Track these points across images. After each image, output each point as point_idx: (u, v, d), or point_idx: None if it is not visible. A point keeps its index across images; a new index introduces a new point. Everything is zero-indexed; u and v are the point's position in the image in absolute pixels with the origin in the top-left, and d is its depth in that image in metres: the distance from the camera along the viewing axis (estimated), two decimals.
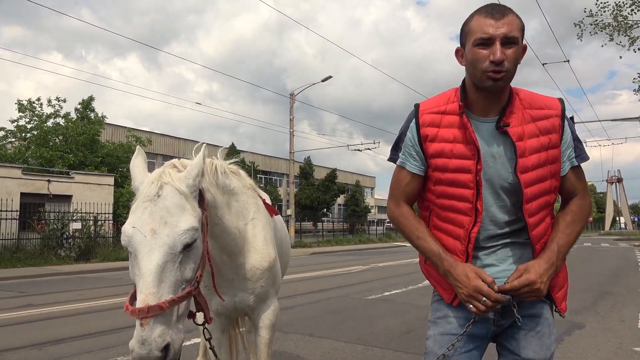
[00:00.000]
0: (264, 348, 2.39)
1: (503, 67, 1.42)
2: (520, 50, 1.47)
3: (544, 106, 1.54)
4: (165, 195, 1.56)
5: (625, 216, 73.91)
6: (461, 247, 1.56)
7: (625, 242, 34.51)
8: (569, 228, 1.56)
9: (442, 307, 1.65)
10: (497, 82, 1.44)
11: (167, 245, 1.48)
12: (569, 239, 1.55)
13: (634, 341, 4.97)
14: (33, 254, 15.99)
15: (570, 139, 1.56)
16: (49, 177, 19.24)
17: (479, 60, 1.45)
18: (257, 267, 2.26)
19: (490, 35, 1.42)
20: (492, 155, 1.52)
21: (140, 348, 1.39)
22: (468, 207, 1.53)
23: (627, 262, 15.75)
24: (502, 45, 1.42)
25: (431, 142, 1.57)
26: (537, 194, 1.52)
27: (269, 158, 49.06)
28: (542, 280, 1.44)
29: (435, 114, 1.59)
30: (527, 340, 1.57)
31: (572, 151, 1.56)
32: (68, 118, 23.74)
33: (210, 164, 2.01)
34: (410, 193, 1.68)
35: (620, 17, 21.07)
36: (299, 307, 7.19)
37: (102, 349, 4.77)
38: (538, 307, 1.59)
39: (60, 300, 8.22)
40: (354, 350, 4.66)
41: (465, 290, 1.47)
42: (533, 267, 1.46)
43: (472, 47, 1.47)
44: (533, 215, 1.52)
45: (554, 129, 1.52)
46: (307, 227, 36.64)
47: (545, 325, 1.58)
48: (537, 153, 1.50)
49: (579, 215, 1.59)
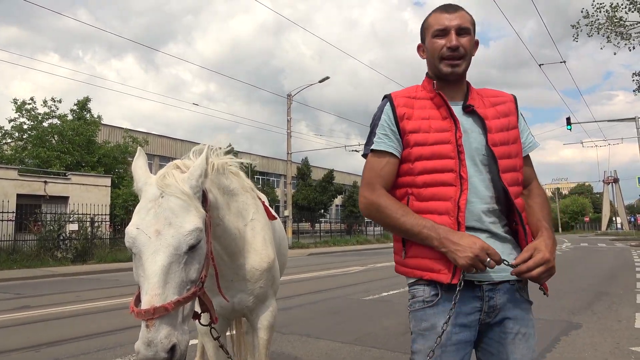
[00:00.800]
0: (262, 349, 2.38)
1: (459, 52, 1.58)
2: (472, 42, 1.63)
3: (498, 94, 1.72)
4: (169, 196, 1.56)
5: (621, 216, 74.15)
6: (450, 220, 1.51)
7: (622, 242, 34.61)
8: (545, 210, 1.64)
9: (428, 315, 1.54)
10: (455, 67, 1.59)
11: (172, 246, 1.48)
12: (548, 218, 1.61)
13: (630, 341, 4.99)
14: (29, 256, 15.93)
15: (525, 124, 1.71)
16: (45, 178, 19.18)
17: (437, 49, 1.61)
18: (257, 268, 2.25)
19: (445, 27, 1.60)
20: (465, 130, 1.60)
21: (146, 350, 1.38)
22: (453, 177, 1.54)
23: (623, 262, 15.81)
24: (457, 34, 1.59)
25: (408, 120, 1.62)
26: (509, 168, 1.60)
27: (267, 159, 49.04)
28: (554, 256, 1.49)
29: (407, 98, 1.67)
30: (515, 344, 1.54)
31: (529, 135, 1.70)
32: (64, 119, 23.67)
33: (211, 165, 2.01)
34: (386, 177, 1.63)
35: (615, 19, 21.17)
36: (296, 307, 7.18)
37: (99, 351, 4.76)
38: (523, 308, 1.59)
39: (57, 301, 8.18)
40: (352, 351, 4.66)
41: (470, 251, 1.41)
42: (544, 244, 1.48)
43: (431, 38, 1.64)
44: (510, 186, 1.58)
45: (510, 112, 1.67)
46: (305, 228, 36.63)
47: (530, 327, 1.59)
48: (501, 132, 1.62)
49: (543, 197, 1.68)
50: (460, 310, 1.52)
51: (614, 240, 39.37)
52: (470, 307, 1.53)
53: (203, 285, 1.62)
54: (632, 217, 73.73)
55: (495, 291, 1.55)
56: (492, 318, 1.56)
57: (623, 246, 28.16)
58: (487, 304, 1.54)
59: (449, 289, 1.51)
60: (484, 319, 1.56)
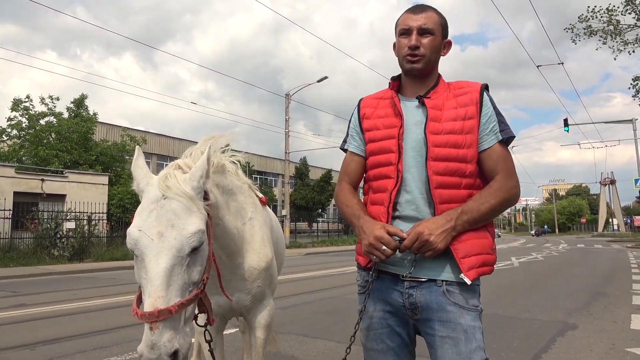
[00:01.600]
0: (259, 348, 2.38)
1: (419, 52, 1.66)
2: (437, 41, 1.69)
3: (466, 86, 1.71)
4: (171, 197, 1.55)
5: (618, 218, 74.38)
6: (383, 209, 1.65)
7: (618, 243, 34.74)
8: (482, 198, 1.58)
9: (361, 299, 1.73)
10: (414, 64, 1.67)
11: (174, 248, 1.47)
12: (479, 207, 1.55)
13: (626, 342, 5.00)
14: (26, 254, 15.90)
15: (493, 114, 1.65)
16: (42, 176, 19.13)
17: (401, 47, 1.71)
18: (255, 267, 2.25)
19: (409, 27, 1.68)
20: (415, 123, 1.67)
21: (149, 352, 1.38)
22: (391, 170, 1.65)
23: (619, 264, 15.85)
24: (419, 34, 1.66)
25: (367, 119, 1.79)
26: (448, 157, 1.59)
27: (265, 158, 49.00)
28: (432, 232, 1.49)
29: (374, 99, 1.83)
30: (444, 349, 1.54)
31: (496, 125, 1.64)
32: (60, 117, 23.61)
33: (212, 164, 2.00)
34: (351, 173, 1.84)
35: (614, 20, 21.21)
36: (293, 307, 7.18)
37: (95, 349, 4.75)
38: (448, 312, 1.55)
39: (53, 300, 8.16)
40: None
41: (367, 239, 1.55)
42: (426, 221, 1.54)
43: (397, 37, 1.74)
44: (439, 175, 1.58)
45: (471, 102, 1.65)
46: (302, 227, 36.64)
47: (458, 332, 1.53)
48: (452, 121, 1.62)
49: (496, 190, 1.59)
50: (386, 298, 1.66)
51: (611, 241, 39.50)
52: (393, 299, 1.64)
53: (205, 287, 1.62)
54: (629, 219, 73.93)
55: (417, 289, 1.59)
56: (417, 315, 1.60)
57: (619, 247, 28.25)
58: (407, 300, 1.61)
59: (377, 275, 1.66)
60: (410, 315, 1.62)
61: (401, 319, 1.65)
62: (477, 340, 1.54)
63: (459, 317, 1.54)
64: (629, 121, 31.76)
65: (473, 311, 1.57)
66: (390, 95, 1.76)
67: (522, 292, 8.51)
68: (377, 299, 1.68)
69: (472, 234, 1.58)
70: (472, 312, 1.57)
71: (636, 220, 66.18)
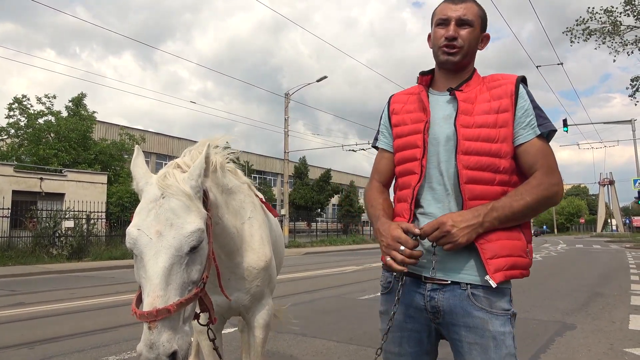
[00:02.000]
0: (258, 348, 2.39)
1: (456, 43, 1.59)
2: (475, 34, 1.62)
3: (501, 78, 1.63)
4: (170, 196, 1.55)
5: (616, 218, 74.48)
6: (407, 206, 1.61)
7: (617, 244, 34.77)
8: (517, 195, 1.47)
9: (382, 300, 1.70)
10: (450, 56, 1.60)
11: (173, 247, 1.47)
12: (512, 204, 1.45)
13: (624, 342, 5.01)
14: (24, 252, 15.88)
15: (530, 107, 1.55)
16: (41, 174, 19.11)
17: (437, 38, 1.64)
18: (254, 266, 2.25)
19: (447, 17, 1.61)
20: (444, 117, 1.61)
21: (148, 352, 1.38)
22: (416, 165, 1.61)
23: (618, 264, 15.87)
24: (457, 25, 1.59)
25: (396, 115, 1.76)
26: (480, 151, 1.51)
27: (264, 158, 48.99)
28: (457, 225, 1.41)
29: (404, 95, 1.80)
30: (471, 355, 1.47)
31: (533, 119, 1.54)
32: (59, 116, 23.58)
33: (211, 163, 2.00)
34: (382, 170, 1.80)
35: (612, 19, 21.23)
36: (292, 307, 7.18)
37: (93, 348, 4.75)
38: (475, 317, 1.47)
39: (52, 299, 8.15)
40: (347, 350, 4.66)
41: (385, 240, 1.50)
42: (451, 213, 1.47)
43: (434, 27, 1.66)
44: (470, 169, 1.50)
45: (505, 95, 1.56)
46: (301, 227, 36.63)
47: (487, 338, 1.45)
48: (485, 114, 1.55)
49: (533, 187, 1.48)
50: (409, 302, 1.59)
51: (609, 242, 39.54)
52: (415, 302, 1.58)
53: (205, 286, 1.61)
54: (627, 219, 74.01)
55: (440, 292, 1.52)
56: (439, 319, 1.54)
57: (618, 248, 28.28)
58: (428, 303, 1.54)
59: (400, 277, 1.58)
60: (432, 318, 1.55)
61: (422, 323, 1.59)
62: (507, 347, 1.45)
63: (487, 323, 1.46)
64: (628, 122, 31.79)
65: (502, 315, 1.47)
66: (419, 90, 1.71)
67: (520, 292, 8.51)
68: (400, 301, 1.59)
69: (503, 234, 1.48)
70: (501, 316, 1.47)
71: (635, 221, 66.24)
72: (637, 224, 64.81)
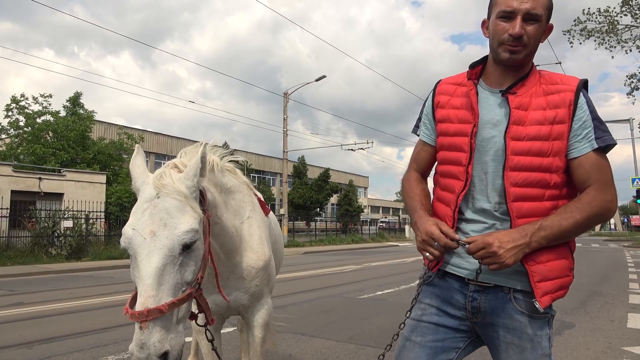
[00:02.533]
0: (257, 347, 2.39)
1: (521, 42, 1.44)
2: (542, 29, 1.47)
3: (560, 82, 1.50)
4: (165, 196, 1.55)
5: (615, 217, 74.60)
6: (450, 212, 1.56)
7: (615, 242, 34.85)
8: (567, 213, 1.40)
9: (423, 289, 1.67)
10: (513, 55, 1.46)
11: (166, 247, 1.47)
12: (561, 222, 1.39)
13: (622, 340, 5.03)
14: (23, 252, 15.85)
15: (589, 118, 1.44)
16: (40, 174, 19.07)
17: (498, 32, 1.47)
18: (253, 266, 2.26)
19: (513, 9, 1.44)
20: (494, 122, 1.51)
21: (139, 352, 1.38)
22: (460, 171, 1.54)
23: (616, 263, 15.91)
24: (524, 20, 1.43)
25: (441, 109, 1.65)
26: (529, 167, 1.43)
27: (263, 157, 48.97)
28: (503, 246, 1.36)
29: (452, 85, 1.66)
30: (508, 354, 1.49)
31: (591, 131, 1.43)
32: (57, 115, 23.53)
33: (208, 161, 2.00)
34: (420, 161, 1.76)
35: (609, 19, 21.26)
36: (291, 306, 7.19)
37: (92, 348, 4.75)
38: (515, 320, 1.48)
39: (51, 298, 8.15)
40: (346, 349, 4.67)
41: (420, 236, 1.52)
42: (498, 232, 1.42)
43: (495, 18, 1.49)
44: (517, 186, 1.43)
45: (563, 104, 1.45)
46: (300, 226, 36.63)
47: (525, 340, 1.46)
48: (538, 125, 1.44)
49: (585, 204, 1.41)
50: (445, 298, 1.59)
51: (607, 240, 39.62)
52: (454, 299, 1.58)
53: (200, 287, 1.61)
54: (626, 218, 74.15)
55: (482, 293, 1.51)
56: (478, 319, 1.54)
57: (616, 247, 28.36)
58: (470, 303, 1.54)
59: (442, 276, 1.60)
60: (470, 317, 1.55)
61: (453, 321, 1.57)
62: (543, 348, 1.47)
63: (526, 326, 1.47)
64: (626, 121, 31.85)
65: (542, 318, 1.48)
66: (468, 87, 1.59)
67: None
68: (437, 295, 1.60)
69: (553, 254, 1.44)
70: (540, 319, 1.48)
71: (633, 220, 66.39)
72: (635, 222, 64.98)
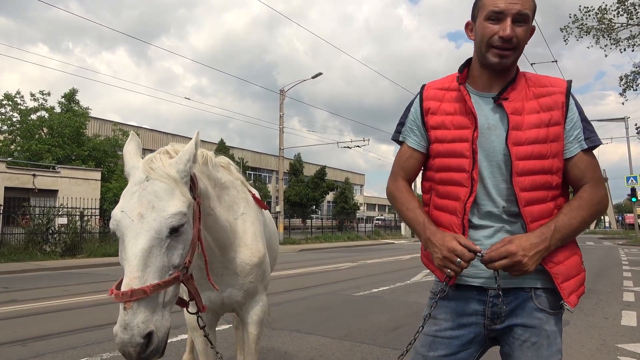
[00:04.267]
0: (252, 344, 2.38)
1: (511, 44, 1.42)
2: (530, 30, 1.47)
3: (549, 84, 1.51)
4: (154, 179, 1.55)
5: (609, 215, 74.82)
6: (457, 220, 1.52)
7: (610, 240, 35.04)
8: (573, 212, 1.45)
9: (430, 303, 1.62)
10: (504, 59, 1.44)
11: (153, 229, 1.47)
12: (571, 222, 1.43)
13: (616, 338, 5.05)
14: (17, 249, 15.76)
15: (578, 119, 1.49)
16: (34, 171, 18.96)
17: (487, 35, 1.45)
18: (247, 262, 2.24)
19: (502, 10, 1.41)
20: (488, 127, 1.51)
21: (122, 333, 1.37)
22: (464, 177, 1.51)
23: (611, 261, 15.99)
24: (513, 22, 1.41)
25: (432, 115, 1.60)
26: (533, 170, 1.45)
27: (259, 154, 48.89)
28: (526, 253, 1.36)
29: (439, 90, 1.62)
30: (523, 352, 1.49)
31: (580, 132, 1.48)
32: (52, 111, 23.39)
33: (202, 154, 2.00)
34: (408, 169, 1.69)
35: (605, 20, 21.34)
36: (286, 303, 7.18)
37: (87, 345, 4.72)
38: (534, 318, 1.49)
39: (45, 296, 8.11)
40: (342, 346, 4.67)
41: (440, 253, 1.44)
42: (518, 238, 1.39)
43: (482, 20, 1.46)
44: (526, 191, 1.45)
45: (556, 106, 1.47)
46: (296, 223, 36.64)
47: (542, 337, 1.48)
48: (535, 128, 1.46)
49: (587, 202, 1.47)
50: (461, 310, 1.56)
51: (602, 238, 39.84)
52: (471, 309, 1.55)
53: (188, 271, 1.60)
54: (620, 216, 74.58)
55: (502, 298, 1.49)
56: (497, 324, 1.53)
57: (611, 244, 28.51)
58: (490, 309, 1.52)
59: (457, 287, 1.56)
60: (488, 323, 1.54)
61: (471, 331, 1.55)
62: (557, 344, 1.50)
63: (545, 323, 1.49)
64: (621, 119, 32.03)
65: (558, 314, 1.52)
66: (457, 87, 1.58)
67: None
68: (451, 309, 1.58)
69: (567, 252, 1.49)
70: (557, 315, 1.52)
71: (627, 218, 66.80)
72: (629, 221, 65.36)
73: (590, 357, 4.40)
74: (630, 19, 21.42)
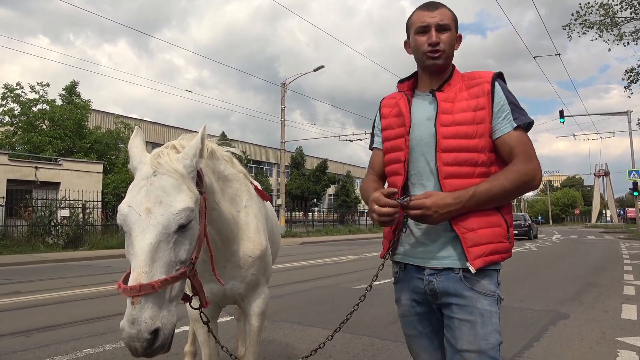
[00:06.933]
0: (254, 336, 2.40)
1: (439, 48, 1.70)
2: (453, 36, 1.74)
3: (478, 77, 1.74)
4: (161, 174, 1.55)
5: (611, 209, 74.96)
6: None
7: (611, 234, 35.02)
8: (495, 180, 1.61)
9: (395, 289, 1.85)
10: (436, 60, 1.71)
11: (161, 224, 1.47)
12: (490, 188, 1.59)
13: (616, 331, 5.07)
14: (20, 241, 15.86)
15: (505, 102, 1.67)
16: (36, 163, 19.01)
17: (420, 45, 1.73)
18: (250, 254, 2.26)
19: (427, 24, 1.71)
20: (428, 118, 1.72)
21: (130, 327, 1.38)
22: (400, 167, 1.76)
23: (612, 254, 16.01)
24: (437, 31, 1.70)
25: (385, 118, 1.90)
26: (457, 148, 1.64)
27: (260, 147, 48.88)
28: (438, 210, 1.56)
29: (391, 99, 1.92)
30: (462, 331, 1.60)
31: (509, 113, 1.67)
32: (53, 104, 23.35)
33: (207, 147, 2.00)
34: (375, 166, 1.96)
35: (610, 12, 21.18)
36: (288, 296, 7.22)
37: (89, 337, 4.76)
38: (465, 297, 1.61)
39: (48, 287, 8.16)
40: (342, 339, 4.70)
41: (369, 205, 1.66)
42: (437, 195, 1.58)
43: (414, 35, 1.76)
44: (448, 165, 1.64)
45: (482, 93, 1.68)
46: (298, 217, 36.71)
47: (476, 315, 1.59)
48: (463, 112, 1.67)
49: (510, 172, 1.61)
50: (413, 288, 1.76)
51: (603, 232, 39.82)
52: (416, 287, 1.75)
53: (194, 267, 1.61)
54: (622, 210, 74.48)
55: (436, 276, 1.67)
56: (437, 300, 1.68)
57: (612, 239, 28.50)
58: (427, 286, 1.69)
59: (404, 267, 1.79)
60: (432, 300, 1.71)
61: (427, 306, 1.74)
62: (493, 324, 1.60)
63: (476, 301, 1.61)
64: (624, 113, 31.85)
65: (490, 296, 1.62)
66: (399, 97, 1.85)
67: (515, 282, 8.58)
68: (406, 289, 1.79)
69: (484, 222, 1.62)
70: (489, 297, 1.62)
71: (629, 212, 66.63)
72: (631, 215, 65.19)
73: (590, 350, 4.41)
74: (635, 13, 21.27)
